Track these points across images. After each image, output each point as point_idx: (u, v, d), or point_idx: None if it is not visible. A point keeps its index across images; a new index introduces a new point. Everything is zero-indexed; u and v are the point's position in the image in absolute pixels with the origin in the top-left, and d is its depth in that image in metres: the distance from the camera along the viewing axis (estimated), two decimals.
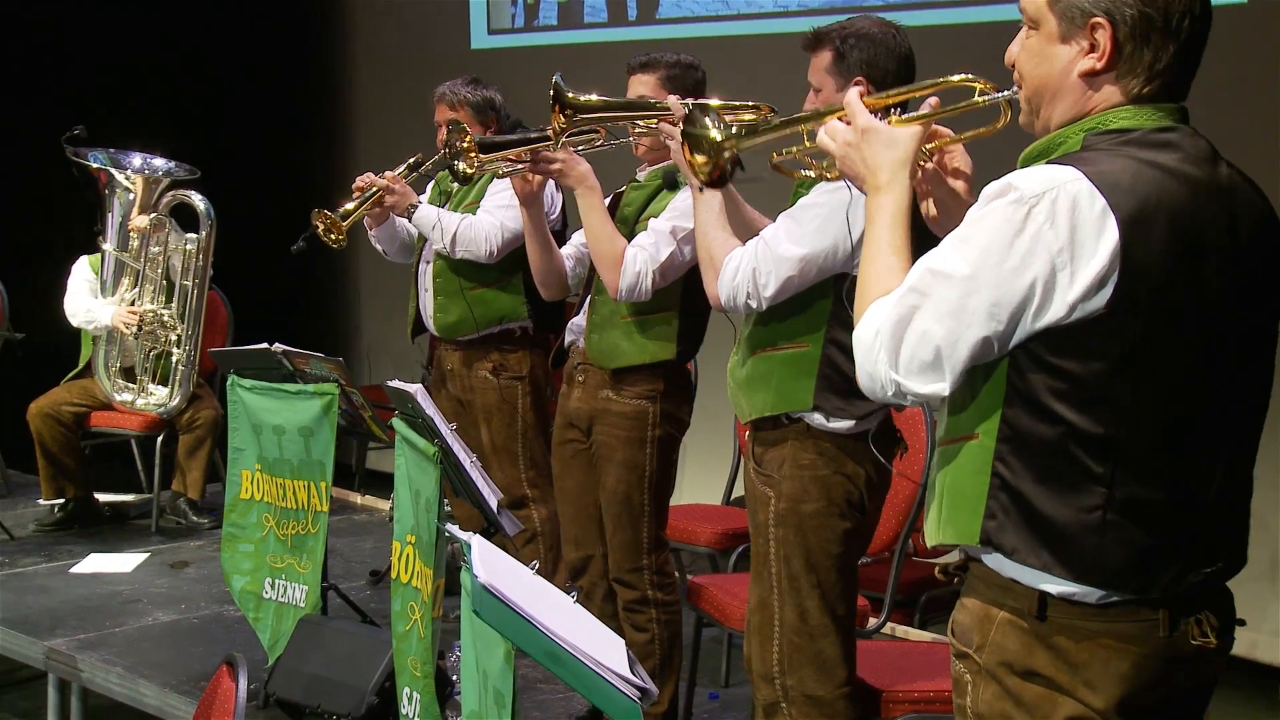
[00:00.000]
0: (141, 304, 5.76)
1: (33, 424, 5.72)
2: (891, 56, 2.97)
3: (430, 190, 4.80)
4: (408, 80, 7.98)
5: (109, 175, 5.77)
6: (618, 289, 3.54)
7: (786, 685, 3.05)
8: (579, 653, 2.10)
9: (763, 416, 3.04)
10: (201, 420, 5.80)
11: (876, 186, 2.11)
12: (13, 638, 4.58)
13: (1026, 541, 1.94)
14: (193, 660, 4.32)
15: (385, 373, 7.69)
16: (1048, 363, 1.91)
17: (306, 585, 4.01)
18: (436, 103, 4.66)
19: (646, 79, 3.68)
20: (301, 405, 4.05)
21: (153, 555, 5.43)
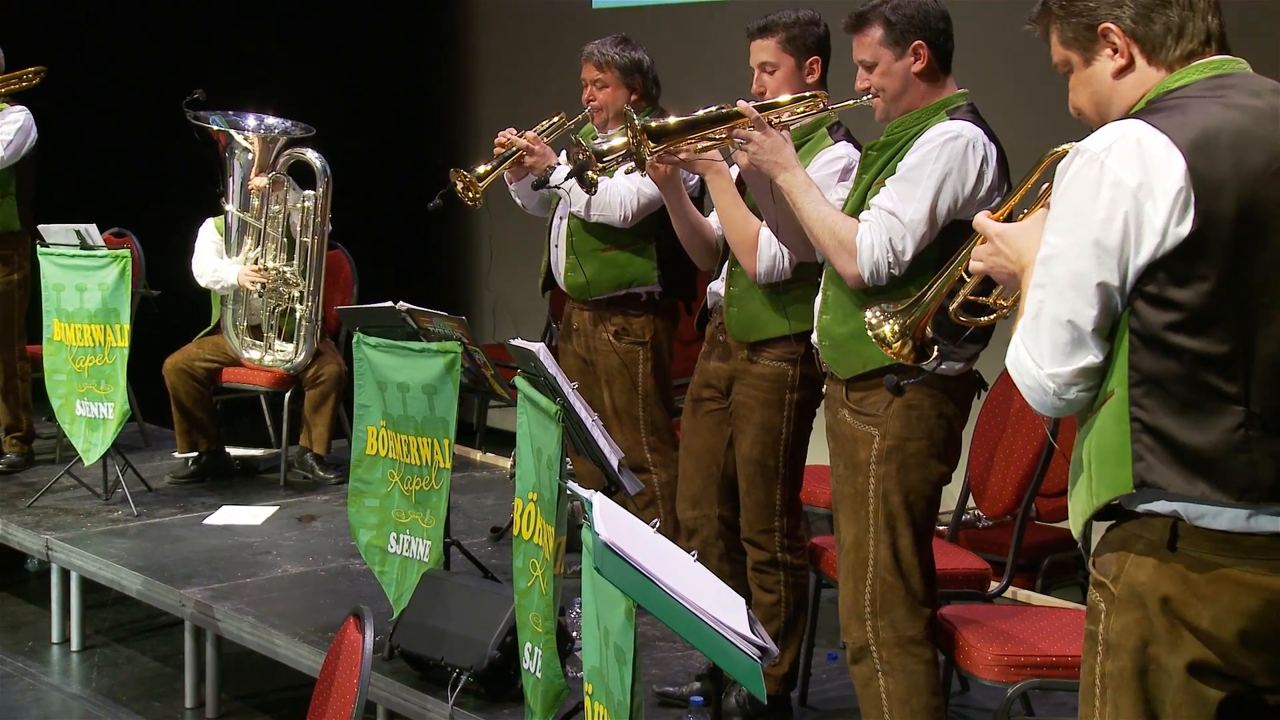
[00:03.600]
0: (264, 262, 5.88)
1: (168, 379, 5.88)
2: (937, 15, 3.16)
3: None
4: (529, 38, 8.02)
5: (228, 137, 5.88)
6: (755, 273, 3.55)
7: (878, 626, 3.16)
8: (700, 611, 2.11)
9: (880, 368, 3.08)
10: (326, 376, 5.91)
11: (1024, 267, 2.23)
12: (152, 585, 4.74)
13: (1179, 475, 2.03)
14: (320, 611, 4.43)
15: (508, 331, 7.77)
16: (1158, 297, 2.03)
17: (430, 540, 4.08)
18: (584, 61, 4.56)
19: (766, 44, 3.65)
20: (425, 363, 4.11)
21: (281, 509, 5.56)
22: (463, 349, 4.10)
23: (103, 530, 5.28)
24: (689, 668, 3.94)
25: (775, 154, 3.20)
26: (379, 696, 3.88)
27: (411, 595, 4.00)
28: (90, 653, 5.09)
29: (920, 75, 3.14)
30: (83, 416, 5.53)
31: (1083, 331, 2.05)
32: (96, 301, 5.51)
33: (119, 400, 5.42)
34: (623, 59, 4.50)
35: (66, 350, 5.59)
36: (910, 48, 3.12)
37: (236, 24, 7.77)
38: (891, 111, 3.18)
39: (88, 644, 5.12)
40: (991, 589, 3.79)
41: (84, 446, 5.52)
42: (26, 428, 6.19)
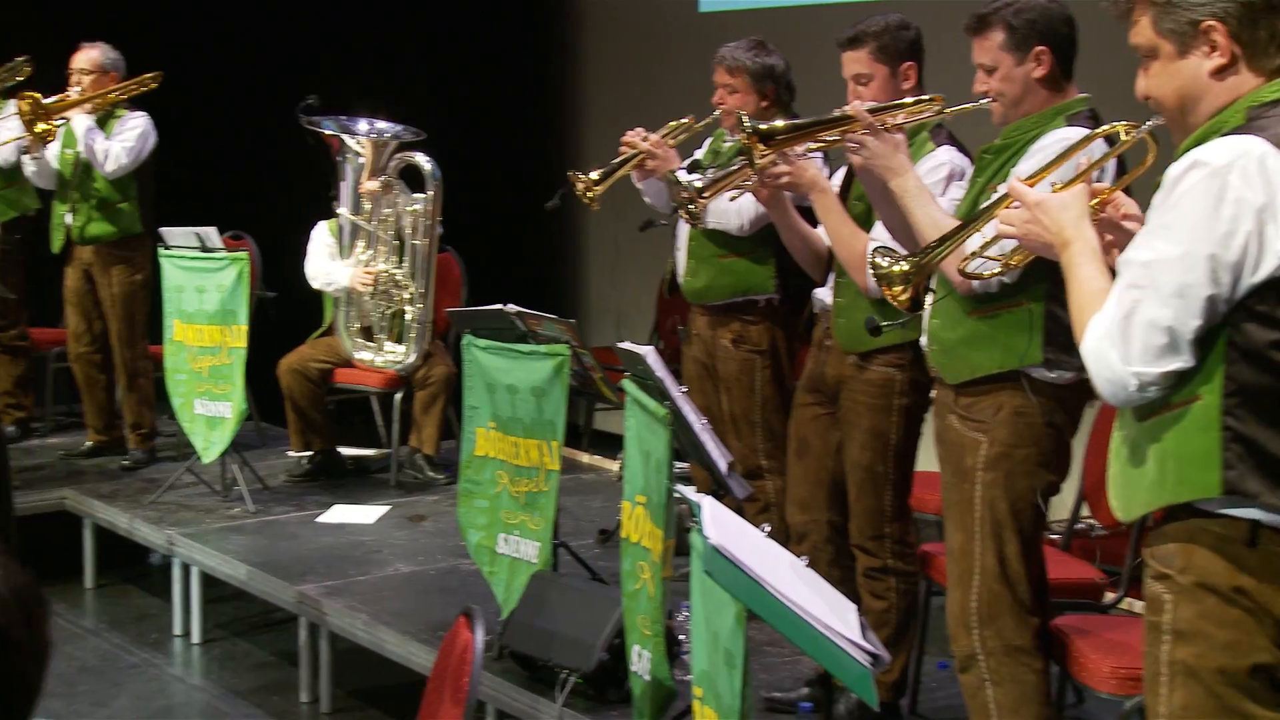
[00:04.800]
0: (375, 265, 5.97)
1: (282, 380, 6.00)
2: (1061, 19, 3.11)
3: (705, 149, 4.74)
4: (635, 42, 8.05)
5: (341, 141, 5.98)
6: (865, 288, 3.53)
7: (985, 635, 3.13)
8: (810, 616, 2.11)
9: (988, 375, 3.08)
10: (435, 378, 5.99)
11: (1066, 241, 2.33)
12: (268, 581, 4.84)
13: (1268, 484, 2.08)
14: (430, 610, 4.49)
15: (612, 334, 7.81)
16: (1268, 316, 2.07)
17: (539, 541, 4.11)
18: (716, 64, 4.53)
19: (857, 55, 3.63)
20: (534, 365, 4.14)
21: (393, 508, 5.64)
22: (571, 352, 4.13)
23: (221, 526, 5.40)
24: (797, 673, 3.93)
25: (888, 159, 3.18)
26: (488, 696, 3.93)
27: (520, 596, 4.03)
28: (210, 646, 5.22)
29: (1041, 81, 3.10)
30: (202, 415, 5.66)
31: (1180, 339, 2.09)
32: (215, 303, 5.64)
33: (236, 400, 5.54)
34: (754, 64, 4.44)
35: (186, 350, 5.72)
36: (1032, 53, 3.08)
37: (350, 30, 7.89)
38: (1010, 116, 3.14)
39: (208, 637, 5.25)
40: (1107, 600, 3.73)
41: (203, 445, 5.65)
42: (150, 425, 6.35)
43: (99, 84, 6.05)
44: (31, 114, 5.87)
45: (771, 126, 3.34)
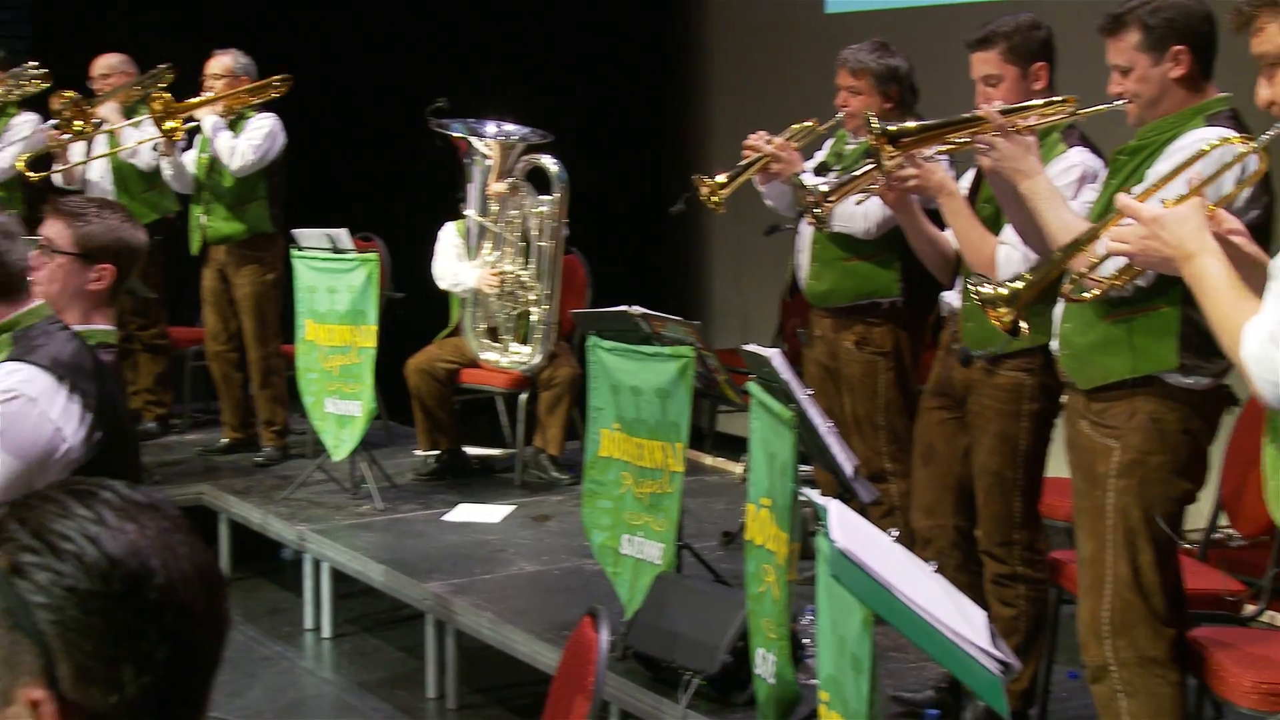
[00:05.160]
0: (502, 266, 6.03)
1: (410, 380, 6.10)
2: (1200, 18, 3.01)
3: (826, 151, 4.71)
4: (763, 43, 8.03)
5: (469, 144, 6.06)
6: None
7: (1117, 645, 3.07)
8: (939, 622, 2.08)
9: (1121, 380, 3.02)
10: (560, 378, 6.03)
11: (1189, 254, 2.33)
12: (396, 578, 4.92)
13: None
14: (555, 610, 4.52)
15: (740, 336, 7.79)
16: None
17: (663, 543, 4.12)
18: (839, 66, 4.50)
19: (987, 56, 3.57)
20: (658, 367, 4.15)
21: (518, 508, 5.70)
22: (695, 354, 4.13)
23: (350, 523, 5.50)
24: (923, 679, 3.89)
25: (1019, 161, 3.13)
26: (612, 696, 3.94)
27: (644, 597, 4.05)
28: (340, 640, 5.32)
29: (1179, 81, 3.01)
30: (332, 414, 5.76)
31: None
32: (345, 303, 5.74)
33: (366, 399, 5.64)
34: (878, 65, 4.41)
35: (318, 350, 5.84)
36: (1169, 53, 2.99)
37: (480, 33, 7.99)
38: (1146, 117, 3.07)
39: (338, 632, 5.35)
40: (1246, 612, 3.63)
41: (333, 443, 5.76)
42: (283, 422, 6.50)
43: (231, 88, 6.21)
44: (163, 113, 6.04)
45: (901, 128, 3.31)
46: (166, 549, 1.22)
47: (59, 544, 1.19)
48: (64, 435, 2.57)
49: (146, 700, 1.19)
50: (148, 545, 1.21)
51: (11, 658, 1.18)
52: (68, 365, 2.60)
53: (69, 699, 1.17)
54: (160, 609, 1.20)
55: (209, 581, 1.24)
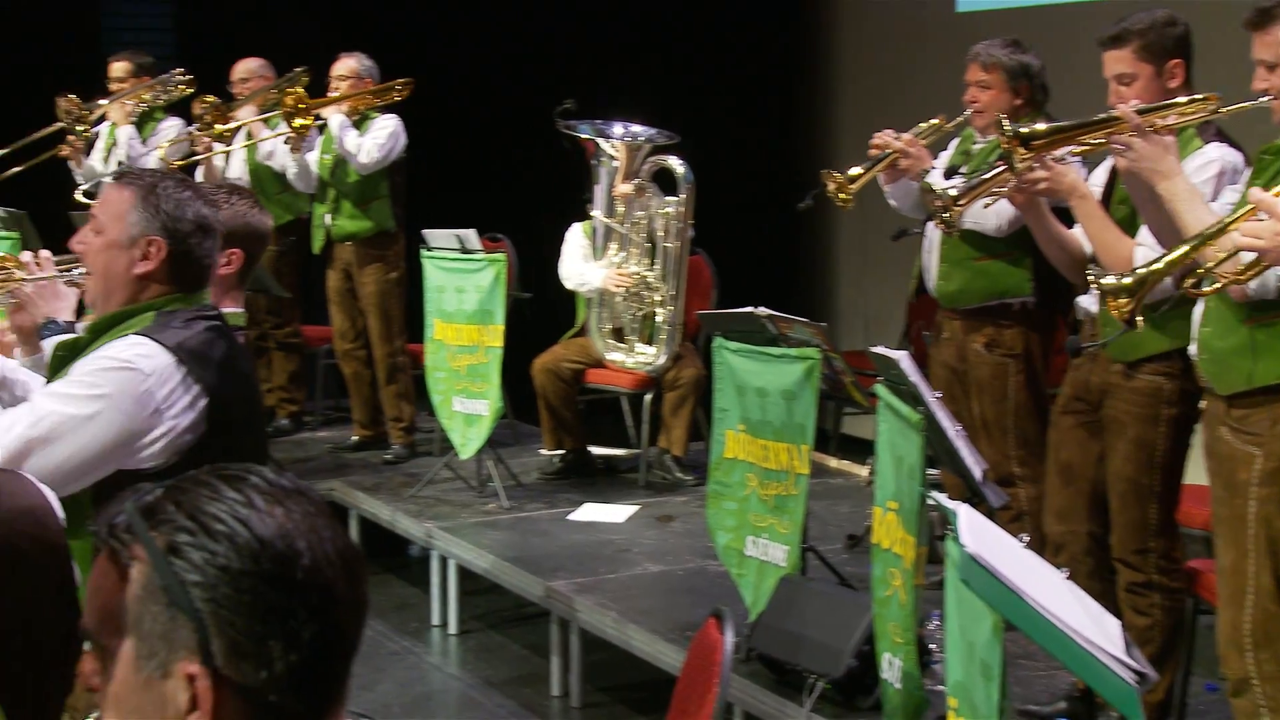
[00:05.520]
0: (628, 267, 6.06)
1: (536, 379, 6.15)
2: None
3: (953, 150, 4.66)
4: (892, 41, 7.95)
5: (596, 145, 6.10)
6: None
7: (1260, 659, 2.99)
8: (1073, 630, 2.04)
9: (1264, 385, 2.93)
10: (685, 379, 6.04)
11: None
12: (520, 576, 4.97)
13: None
14: (678, 610, 4.53)
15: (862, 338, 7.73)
16: None
17: (787, 545, 4.10)
18: (969, 61, 4.43)
19: (1120, 54, 3.48)
20: (784, 369, 4.13)
21: (642, 508, 5.71)
22: (822, 355, 4.11)
23: (477, 521, 5.57)
24: (1052, 688, 3.82)
25: (1157, 161, 3.05)
26: (736, 698, 3.94)
27: (768, 599, 4.03)
28: (466, 637, 5.39)
29: None
30: (460, 412, 5.84)
31: None
32: (473, 303, 5.81)
33: (493, 398, 5.70)
34: (1010, 61, 4.35)
35: (446, 349, 5.91)
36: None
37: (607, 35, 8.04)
38: None
39: (464, 628, 5.42)
40: None
41: (460, 441, 5.83)
42: (409, 419, 6.60)
43: (354, 89, 6.34)
44: (293, 108, 6.19)
45: (1034, 130, 3.26)
46: (311, 532, 1.27)
47: (212, 525, 1.24)
48: (163, 419, 2.59)
49: (293, 677, 1.24)
50: (294, 528, 1.26)
51: (169, 634, 1.23)
52: (190, 351, 2.63)
53: (222, 674, 1.22)
54: (307, 589, 1.25)
55: (350, 564, 1.29)
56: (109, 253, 2.65)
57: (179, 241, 2.66)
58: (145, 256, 2.64)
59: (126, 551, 1.27)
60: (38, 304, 2.99)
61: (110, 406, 2.55)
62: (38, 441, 2.49)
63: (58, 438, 2.52)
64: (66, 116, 6.55)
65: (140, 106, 6.75)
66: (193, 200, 2.69)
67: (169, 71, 6.83)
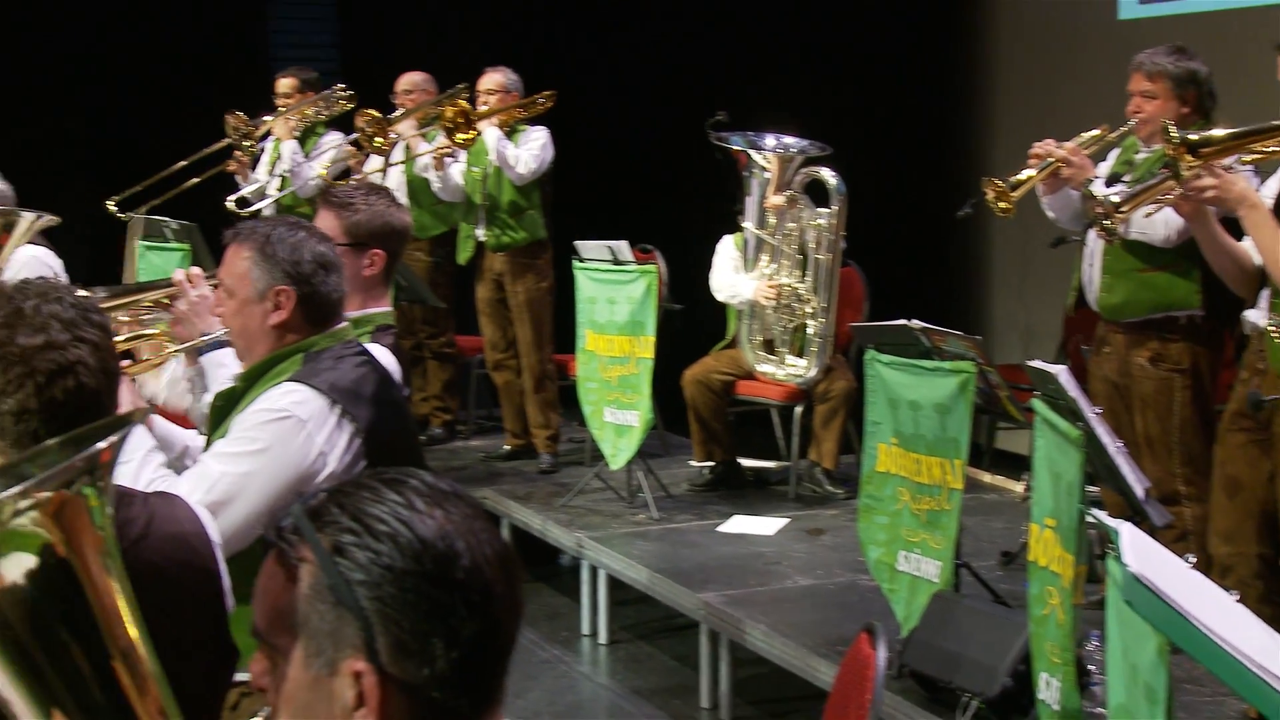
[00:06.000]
0: (779, 278, 6.04)
1: (686, 391, 6.16)
2: None
3: (1114, 159, 4.54)
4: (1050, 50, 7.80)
5: (748, 156, 6.10)
6: None
7: None
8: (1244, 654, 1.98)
9: None
10: (836, 392, 5.99)
11: None
12: (670, 587, 4.98)
13: None
14: (829, 625, 4.49)
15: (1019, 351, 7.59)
16: None
17: (940, 561, 4.04)
18: (1132, 70, 4.33)
19: None
20: (938, 382, 4.08)
21: (791, 521, 5.68)
22: (976, 369, 4.04)
23: (627, 532, 5.59)
24: (1220, 715, 3.70)
25: None
26: (888, 714, 3.89)
27: (921, 614, 3.98)
28: (616, 647, 5.41)
29: None
30: (611, 423, 5.87)
31: None
32: (625, 314, 5.85)
33: (643, 409, 5.72)
34: (1176, 69, 4.23)
35: (597, 360, 5.96)
36: None
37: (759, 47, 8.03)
38: None
39: (614, 638, 5.45)
40: None
41: (611, 451, 5.87)
42: (555, 428, 6.67)
43: (503, 103, 6.44)
44: (454, 122, 6.30)
45: (1203, 137, 3.17)
46: (470, 533, 1.30)
47: (375, 526, 1.28)
48: (327, 460, 2.66)
49: (455, 674, 1.27)
50: (454, 529, 1.29)
51: (336, 632, 1.27)
52: (344, 391, 2.68)
53: (387, 671, 1.26)
54: (467, 588, 1.28)
55: (507, 565, 1.32)
56: (244, 312, 2.72)
57: (304, 284, 2.70)
58: (277, 307, 2.70)
59: (294, 553, 1.30)
60: (192, 321, 3.07)
61: (275, 458, 2.62)
62: (216, 505, 2.55)
63: (233, 498, 2.59)
64: (234, 133, 6.77)
65: (304, 121, 6.94)
66: (307, 240, 2.73)
67: (332, 87, 7.02)
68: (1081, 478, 3.13)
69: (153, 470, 2.60)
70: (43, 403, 1.93)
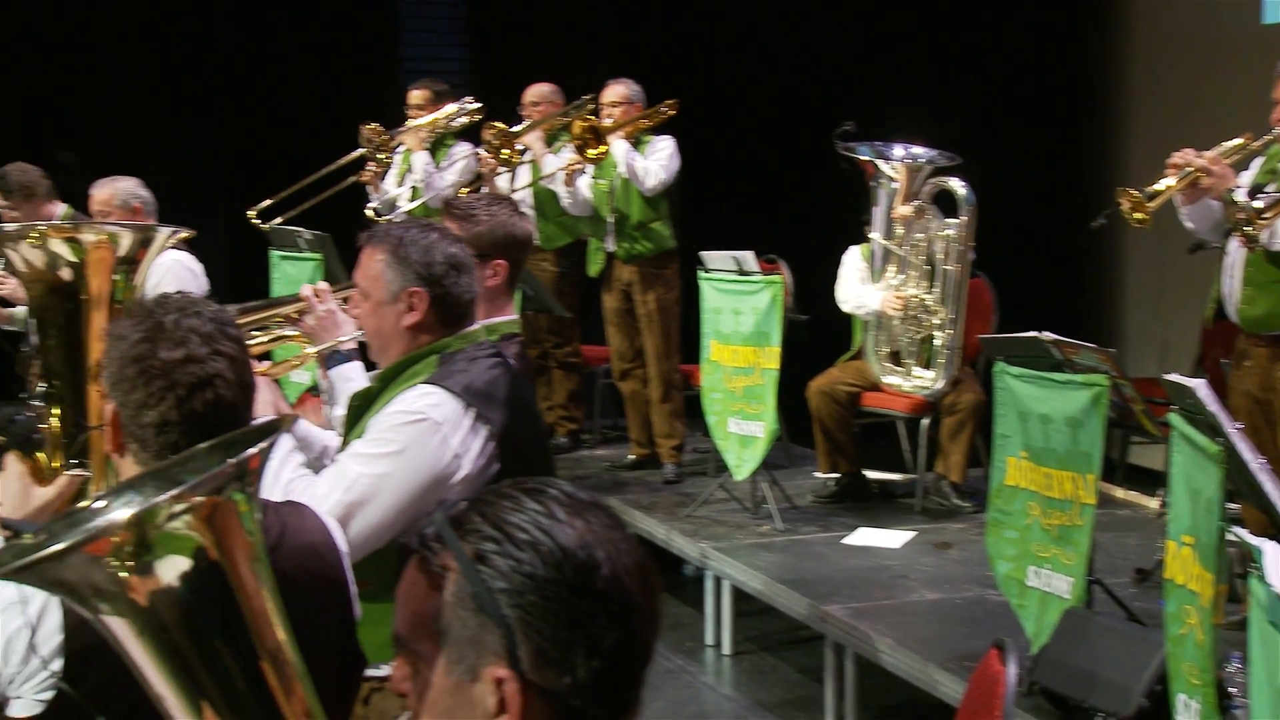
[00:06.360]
0: (906, 290, 5.98)
1: (811, 402, 6.13)
2: None
3: (1257, 169, 4.43)
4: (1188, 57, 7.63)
5: (875, 167, 6.05)
6: None
7: None
8: None
9: None
10: (963, 404, 5.92)
11: None
12: (795, 599, 4.96)
13: None
14: (957, 640, 4.44)
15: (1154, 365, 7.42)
16: None
17: (1072, 577, 3.97)
18: (1276, 78, 4.26)
19: None
20: (1070, 395, 4.01)
21: (918, 534, 5.63)
22: (1110, 382, 3.97)
23: (751, 543, 5.59)
24: None
25: None
26: None
27: (1052, 631, 3.92)
28: (739, 658, 5.41)
29: None
30: (735, 434, 5.87)
31: None
32: (750, 325, 5.84)
33: (768, 420, 5.71)
34: None
35: (722, 370, 5.96)
36: None
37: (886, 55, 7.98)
38: None
39: (738, 649, 5.44)
40: None
41: (735, 462, 5.86)
42: (680, 437, 6.68)
43: (627, 114, 6.48)
44: (583, 138, 6.35)
45: None
46: (609, 543, 1.31)
47: (516, 534, 1.29)
48: (461, 463, 2.67)
49: (595, 683, 1.28)
50: (594, 539, 1.31)
51: (478, 639, 1.29)
52: (478, 393, 2.70)
53: (529, 679, 1.27)
54: (607, 597, 1.29)
55: (646, 575, 1.33)
56: (378, 314, 2.75)
57: (436, 285, 2.73)
58: (411, 308, 2.73)
59: (436, 560, 1.32)
60: (320, 335, 3.12)
61: (410, 459, 2.64)
62: (354, 506, 2.60)
63: (370, 498, 2.62)
64: (368, 144, 6.90)
65: (435, 132, 7.05)
66: (439, 242, 2.76)
67: (461, 98, 7.12)
68: (1222, 494, 3.06)
69: (292, 470, 2.65)
70: (183, 415, 1.96)
